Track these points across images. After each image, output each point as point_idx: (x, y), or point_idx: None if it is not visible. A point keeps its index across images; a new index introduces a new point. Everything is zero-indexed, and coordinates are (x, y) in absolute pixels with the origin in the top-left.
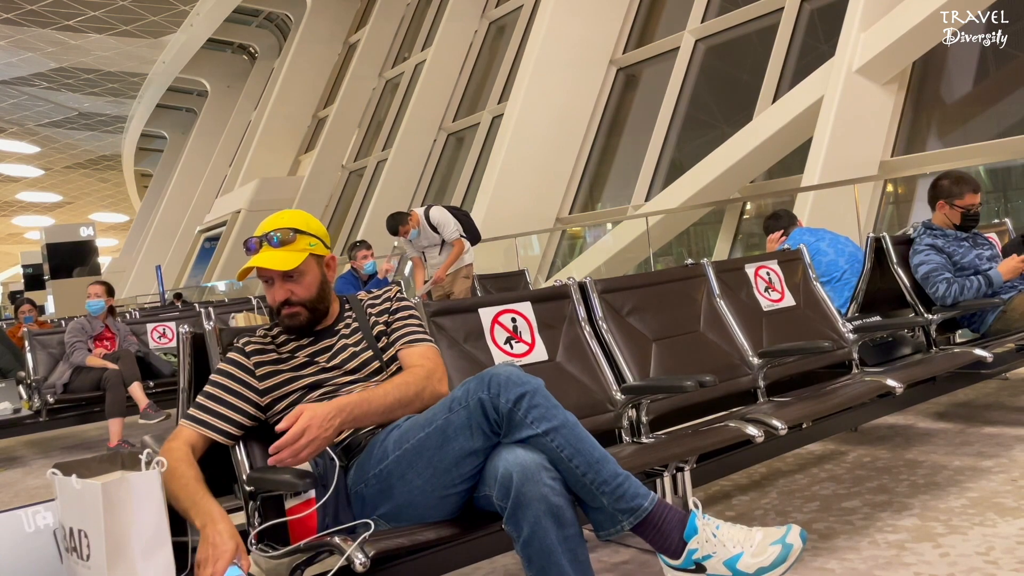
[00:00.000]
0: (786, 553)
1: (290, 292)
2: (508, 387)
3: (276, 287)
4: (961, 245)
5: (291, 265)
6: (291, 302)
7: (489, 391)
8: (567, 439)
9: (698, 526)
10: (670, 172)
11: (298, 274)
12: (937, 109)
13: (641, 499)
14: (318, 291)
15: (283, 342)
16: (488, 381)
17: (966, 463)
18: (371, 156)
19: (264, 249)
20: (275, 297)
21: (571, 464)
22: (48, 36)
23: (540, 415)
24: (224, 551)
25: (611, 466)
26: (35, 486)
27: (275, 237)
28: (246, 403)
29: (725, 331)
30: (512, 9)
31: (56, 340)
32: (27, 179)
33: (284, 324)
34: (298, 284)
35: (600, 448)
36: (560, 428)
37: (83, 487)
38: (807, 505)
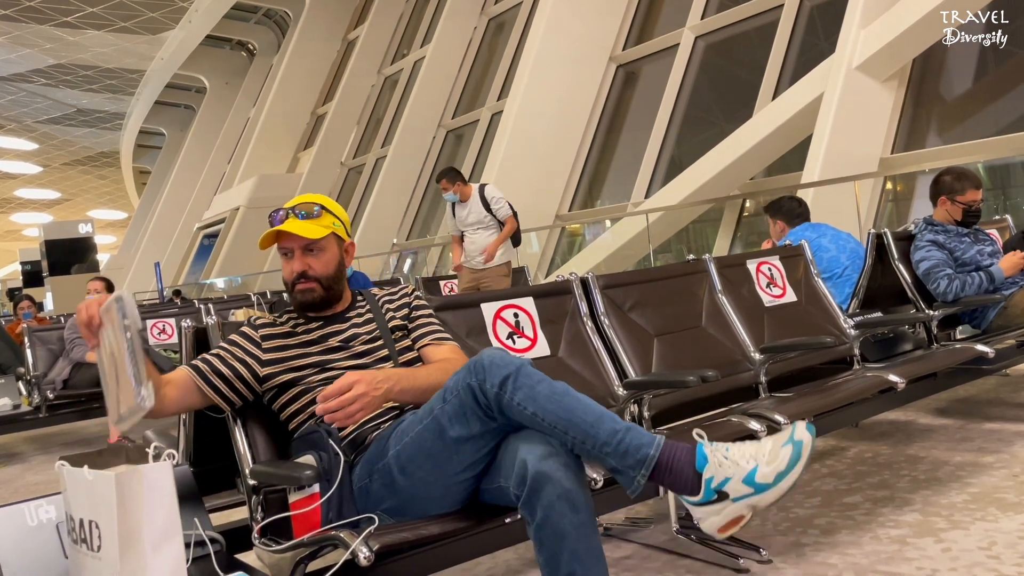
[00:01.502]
0: (799, 451)
1: (308, 265)
2: (492, 371)
3: (295, 259)
4: (962, 241)
5: (315, 235)
6: (307, 276)
7: (476, 377)
8: (557, 414)
9: (707, 454)
10: (670, 169)
11: (318, 249)
12: (937, 106)
13: (646, 448)
14: (335, 270)
15: (293, 326)
16: (473, 368)
17: (967, 459)
18: (370, 153)
19: (290, 220)
20: (293, 268)
21: (569, 436)
22: (46, 32)
23: (526, 395)
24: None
25: (607, 424)
26: (35, 482)
27: (302, 211)
28: (244, 368)
29: (727, 327)
30: (511, 6)
31: (56, 336)
32: (25, 176)
33: (297, 300)
34: (316, 259)
35: (593, 409)
36: (547, 404)
37: (96, 478)
38: (808, 500)
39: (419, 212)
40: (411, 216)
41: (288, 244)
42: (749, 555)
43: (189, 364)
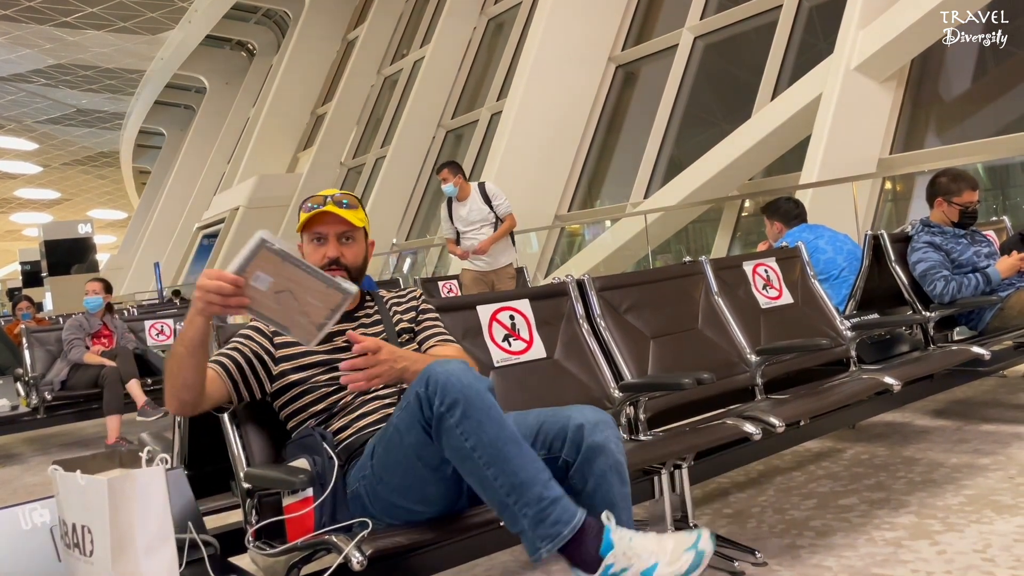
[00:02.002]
0: (699, 560)
1: (341, 253)
2: (446, 390)
3: (329, 245)
4: (959, 243)
5: (360, 223)
6: (339, 263)
7: (426, 388)
8: (494, 457)
9: (613, 540)
10: (669, 169)
11: (352, 239)
12: (936, 106)
13: (563, 526)
14: (362, 263)
15: None
16: (427, 378)
17: (963, 460)
18: (370, 153)
19: (329, 205)
20: (326, 253)
21: (496, 483)
22: (46, 33)
23: (471, 428)
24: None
25: (537, 489)
26: (33, 483)
27: (344, 200)
28: (260, 363)
29: (723, 329)
30: (511, 6)
31: (54, 337)
32: (25, 176)
33: None
34: (349, 248)
35: (530, 467)
36: (488, 444)
37: (88, 483)
38: (804, 502)
39: (419, 212)
40: (411, 216)
41: (324, 229)
42: (745, 558)
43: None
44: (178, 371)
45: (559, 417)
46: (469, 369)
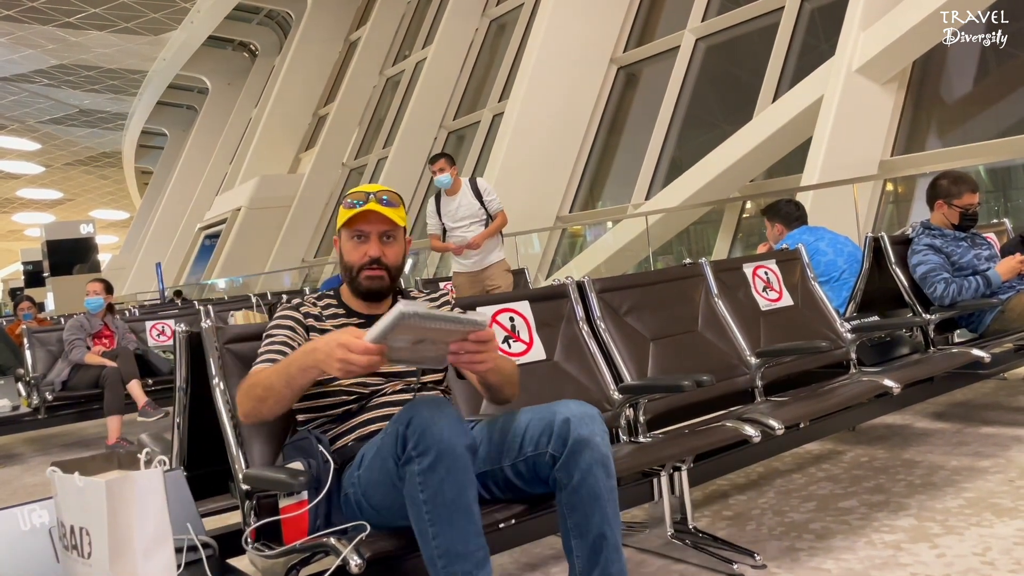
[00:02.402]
0: None
1: (383, 253)
2: (423, 438)
3: (371, 243)
4: (959, 245)
5: (402, 222)
6: (381, 263)
7: (407, 427)
8: (439, 518)
9: None
10: (670, 171)
11: (394, 238)
12: (937, 109)
13: None
14: (402, 263)
15: (330, 316)
16: (410, 418)
17: (963, 463)
18: (371, 154)
19: (372, 203)
20: (368, 252)
21: (432, 541)
22: (49, 33)
23: (431, 482)
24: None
25: (467, 566)
26: (33, 483)
27: (384, 197)
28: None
29: (723, 331)
30: (513, 7)
31: (55, 337)
32: (27, 176)
33: (363, 287)
34: (390, 248)
35: (474, 543)
36: (440, 505)
37: (86, 484)
38: (804, 505)
39: (419, 213)
40: (411, 217)
41: (366, 227)
42: (743, 560)
43: (266, 360)
44: (271, 401)
45: (546, 412)
46: (457, 424)
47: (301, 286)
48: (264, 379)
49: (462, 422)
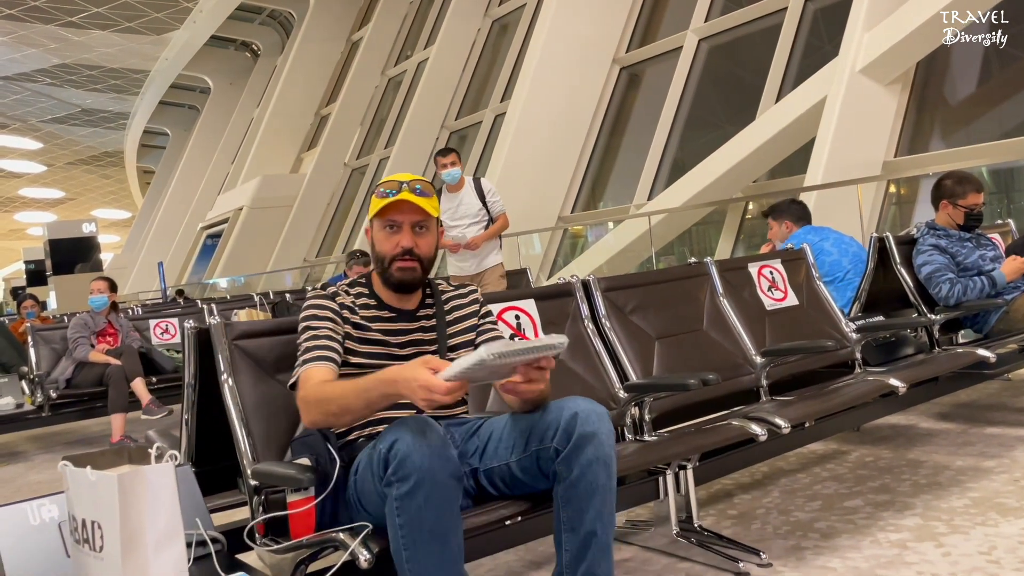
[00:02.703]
0: None
1: (415, 243)
2: (403, 464)
3: (403, 234)
4: (964, 245)
5: (435, 212)
6: (413, 253)
7: (389, 450)
8: (413, 543)
9: None
10: (672, 171)
11: (427, 229)
12: (940, 110)
13: None
14: (434, 254)
15: (362, 306)
16: (393, 442)
17: (968, 463)
18: (373, 154)
19: (405, 192)
20: (400, 243)
21: (405, 564)
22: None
23: (408, 508)
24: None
25: None
26: (37, 481)
27: (418, 186)
28: (339, 343)
29: (728, 330)
30: (515, 7)
31: (59, 335)
32: (30, 175)
33: (394, 278)
34: (423, 238)
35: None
36: (415, 531)
37: (98, 478)
38: (809, 504)
39: None
40: None
41: (399, 217)
42: (749, 558)
43: (320, 358)
44: (348, 417)
45: (555, 407)
46: (441, 450)
47: (303, 286)
48: (339, 397)
49: (446, 448)
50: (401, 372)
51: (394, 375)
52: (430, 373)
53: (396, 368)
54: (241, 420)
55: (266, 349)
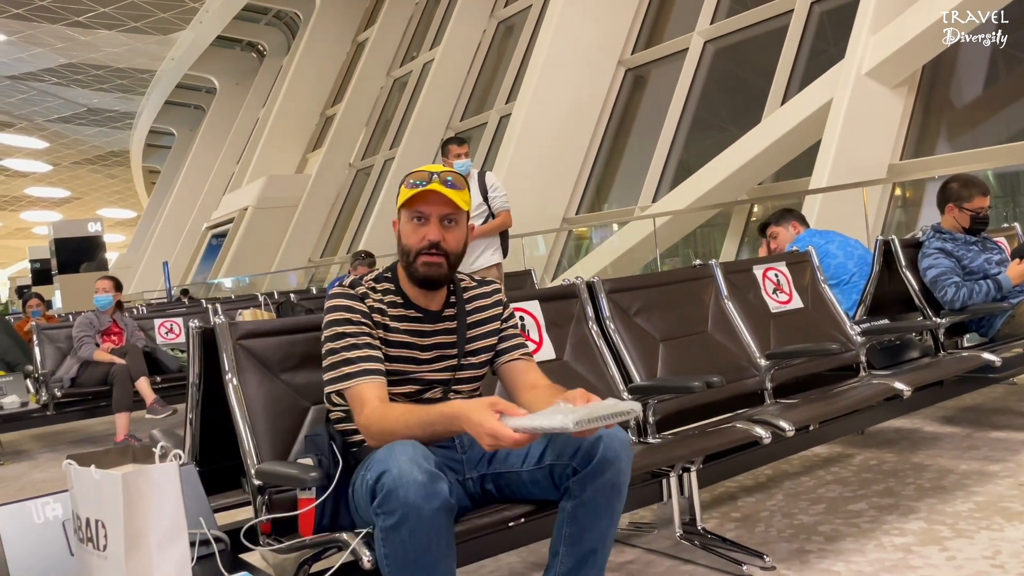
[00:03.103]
0: None
1: (443, 237)
2: (389, 498)
3: (431, 226)
4: (970, 249)
5: (466, 206)
6: (440, 248)
7: (376, 481)
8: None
9: None
10: (678, 173)
11: (456, 223)
12: (947, 113)
13: None
14: (462, 250)
15: (390, 303)
16: (381, 473)
17: (973, 467)
18: (378, 155)
19: (435, 183)
20: (427, 236)
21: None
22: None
23: (393, 540)
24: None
25: None
26: (41, 479)
27: (449, 178)
28: (380, 351)
29: (733, 332)
30: (521, 9)
31: (64, 334)
32: (36, 174)
33: (419, 273)
34: (451, 232)
35: None
36: (399, 564)
37: (102, 477)
38: (813, 507)
39: None
40: None
41: (427, 209)
42: (753, 561)
43: (369, 372)
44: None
45: None
46: (431, 484)
47: (307, 286)
48: (404, 430)
49: (435, 482)
50: (468, 413)
51: (460, 413)
52: (497, 420)
53: (462, 406)
54: (245, 419)
55: (271, 349)
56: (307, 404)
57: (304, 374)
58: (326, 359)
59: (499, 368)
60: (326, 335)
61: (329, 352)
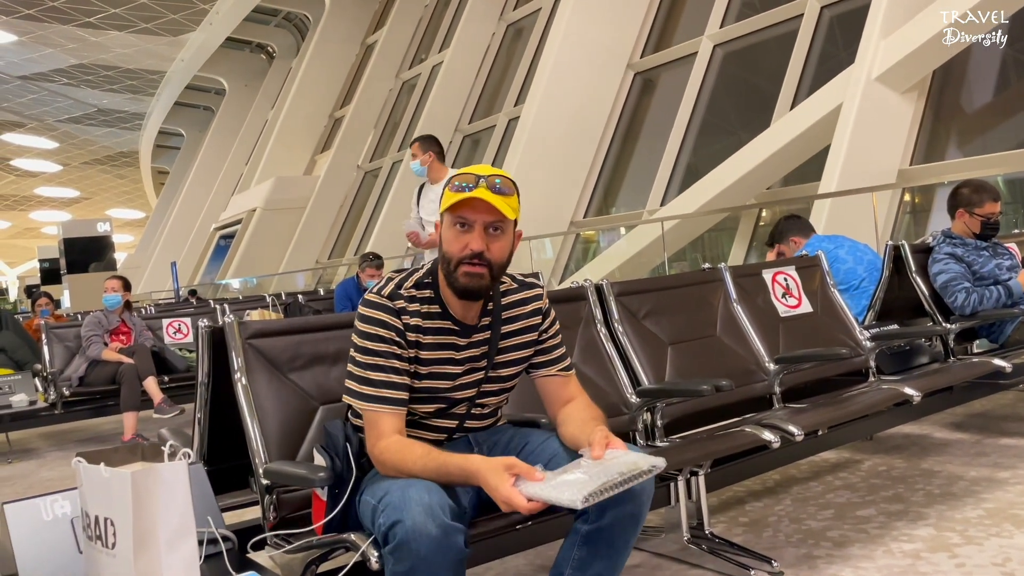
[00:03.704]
0: None
1: (487, 247)
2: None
3: (475, 234)
4: (981, 254)
5: (513, 214)
6: (483, 258)
7: (390, 528)
8: None
9: None
10: (686, 177)
11: (502, 231)
12: (957, 118)
13: None
14: (507, 260)
15: (426, 315)
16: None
17: (982, 474)
18: (387, 157)
19: (481, 188)
20: (469, 245)
21: None
22: (69, 33)
23: None
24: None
25: None
26: (49, 478)
27: (497, 182)
28: (408, 375)
29: (741, 336)
30: (530, 12)
31: (72, 333)
32: (45, 174)
33: (459, 283)
34: (496, 241)
35: None
36: None
37: (112, 475)
38: (821, 513)
39: None
40: None
41: (471, 215)
42: (760, 566)
43: (391, 401)
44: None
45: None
46: (446, 536)
47: (315, 287)
48: (420, 472)
49: (452, 534)
50: (486, 475)
51: (479, 472)
52: (512, 485)
53: (481, 465)
54: (254, 419)
55: (280, 348)
56: (316, 404)
57: (312, 374)
58: (350, 365)
59: (535, 379)
60: (354, 341)
61: (353, 361)
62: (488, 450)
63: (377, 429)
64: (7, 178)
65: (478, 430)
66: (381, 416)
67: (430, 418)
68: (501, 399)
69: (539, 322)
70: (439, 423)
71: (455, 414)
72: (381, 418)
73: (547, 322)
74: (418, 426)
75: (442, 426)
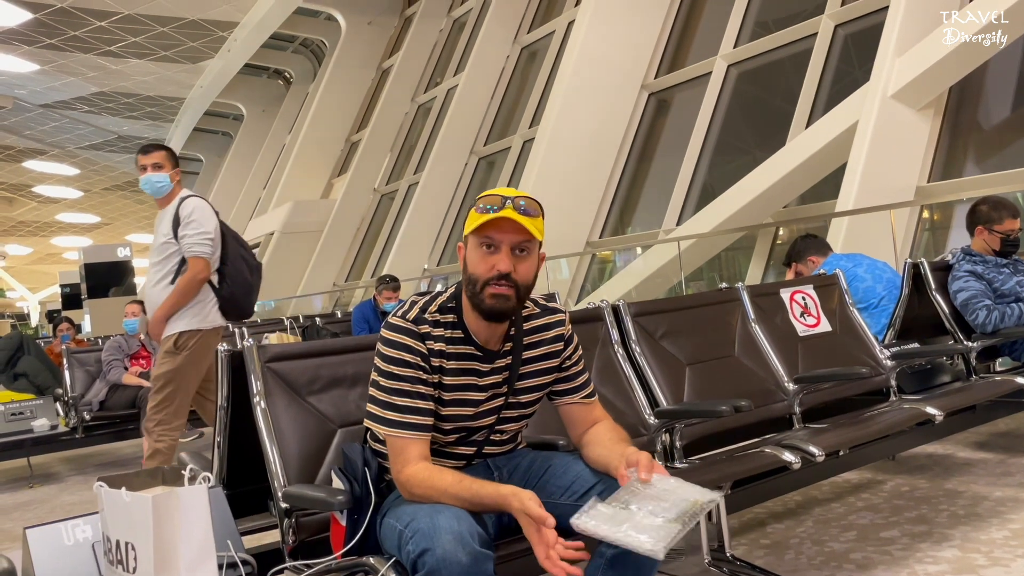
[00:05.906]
0: None
1: (514, 268)
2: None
3: (501, 256)
4: (1001, 272)
5: (539, 235)
6: (510, 279)
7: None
8: None
9: None
10: (702, 197)
11: (528, 252)
12: (974, 135)
13: None
14: (533, 282)
15: (450, 340)
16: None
17: (1007, 494)
18: (403, 179)
19: (508, 209)
20: (496, 266)
21: None
22: (90, 61)
23: None
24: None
25: None
26: (70, 502)
27: (523, 203)
28: (432, 400)
29: (760, 356)
30: (544, 35)
31: (93, 358)
32: (67, 200)
33: (485, 305)
34: (523, 263)
35: None
36: None
37: (132, 500)
38: (844, 534)
39: (450, 238)
40: (442, 242)
41: (498, 236)
42: None
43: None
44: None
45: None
46: (475, 566)
47: (332, 309)
48: (448, 496)
49: (482, 562)
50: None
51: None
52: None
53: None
54: (273, 442)
55: (298, 372)
56: (334, 427)
57: (331, 397)
58: (372, 389)
59: (557, 406)
60: (378, 365)
61: (376, 385)
62: (508, 475)
63: (403, 456)
64: (29, 204)
65: (497, 455)
66: (407, 443)
67: (449, 446)
68: (520, 425)
69: (561, 348)
70: (459, 450)
71: (475, 441)
72: (407, 444)
73: (569, 349)
74: (437, 454)
75: (461, 453)
